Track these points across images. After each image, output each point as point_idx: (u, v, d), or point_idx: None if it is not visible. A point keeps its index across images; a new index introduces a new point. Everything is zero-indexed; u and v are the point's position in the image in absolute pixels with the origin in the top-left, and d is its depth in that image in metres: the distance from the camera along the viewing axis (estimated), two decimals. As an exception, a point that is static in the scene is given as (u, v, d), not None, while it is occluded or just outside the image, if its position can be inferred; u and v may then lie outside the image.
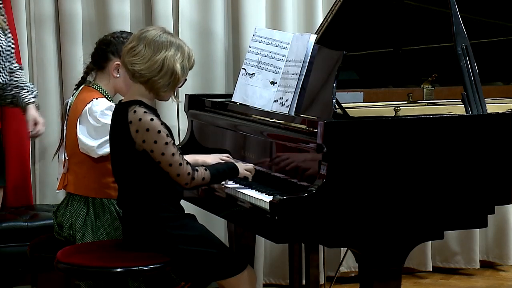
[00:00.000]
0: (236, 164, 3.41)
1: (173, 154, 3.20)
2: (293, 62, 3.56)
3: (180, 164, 3.21)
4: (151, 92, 3.27)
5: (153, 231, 3.26)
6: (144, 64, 3.22)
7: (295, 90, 3.49)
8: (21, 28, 4.44)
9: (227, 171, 3.36)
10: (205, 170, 3.29)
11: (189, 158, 3.51)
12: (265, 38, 3.77)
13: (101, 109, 3.57)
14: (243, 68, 3.83)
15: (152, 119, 3.19)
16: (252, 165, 3.44)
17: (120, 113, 3.26)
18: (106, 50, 3.67)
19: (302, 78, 3.49)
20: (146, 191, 3.26)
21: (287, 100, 3.51)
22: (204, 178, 3.27)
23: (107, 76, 3.68)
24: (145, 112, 3.20)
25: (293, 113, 3.46)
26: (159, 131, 3.18)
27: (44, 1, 4.49)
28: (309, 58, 3.50)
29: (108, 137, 3.43)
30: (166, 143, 3.19)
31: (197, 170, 3.26)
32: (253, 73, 3.71)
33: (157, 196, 3.26)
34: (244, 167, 3.41)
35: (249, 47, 3.82)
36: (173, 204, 3.31)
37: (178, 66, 3.24)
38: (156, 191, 3.26)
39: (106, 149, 3.51)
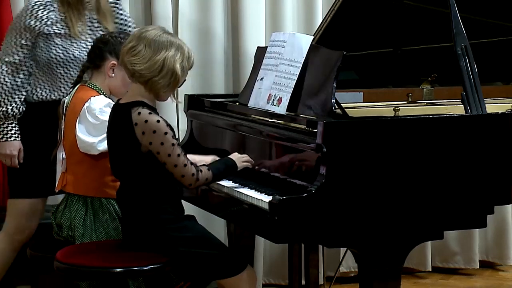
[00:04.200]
0: (233, 158, 3.41)
1: (178, 155, 3.20)
2: (287, 60, 3.56)
3: (185, 165, 3.21)
4: (151, 93, 3.26)
5: (153, 233, 3.26)
6: (144, 64, 3.22)
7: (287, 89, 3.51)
8: (20, 28, 4.44)
9: (227, 169, 3.36)
10: (208, 170, 3.29)
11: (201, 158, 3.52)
12: (278, 41, 3.75)
13: (99, 107, 3.56)
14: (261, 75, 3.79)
15: (158, 121, 3.18)
16: (247, 156, 3.45)
17: (121, 114, 3.25)
18: (103, 49, 3.67)
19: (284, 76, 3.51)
20: (147, 192, 3.26)
21: (281, 98, 3.53)
22: (207, 178, 3.28)
23: (103, 76, 3.68)
24: (150, 113, 3.19)
25: (285, 112, 3.46)
26: (165, 133, 3.18)
27: (43, 1, 4.48)
28: (303, 57, 3.50)
29: (108, 132, 3.44)
30: (173, 144, 3.19)
31: (201, 171, 3.26)
32: (262, 77, 3.70)
33: (157, 197, 3.26)
34: (241, 160, 3.41)
35: (267, 52, 3.79)
36: (173, 205, 3.30)
37: (178, 66, 3.24)
38: (157, 192, 3.25)
39: (106, 145, 3.51)
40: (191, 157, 3.48)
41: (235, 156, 3.43)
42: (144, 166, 3.22)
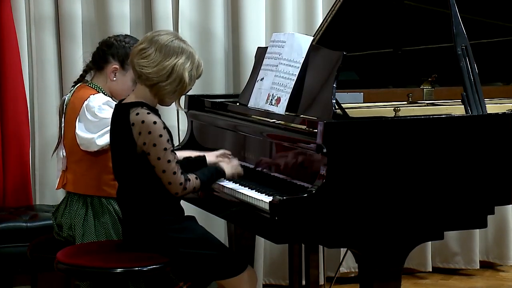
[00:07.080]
0: (223, 165, 3.40)
1: (169, 161, 3.18)
2: (286, 61, 3.56)
3: (174, 173, 3.19)
4: (155, 97, 3.25)
5: (153, 234, 3.26)
6: (152, 68, 3.20)
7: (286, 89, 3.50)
8: (21, 29, 4.44)
9: (214, 176, 3.36)
10: (196, 178, 3.27)
11: (189, 154, 3.51)
12: (278, 42, 3.74)
13: (98, 104, 3.57)
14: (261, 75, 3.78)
15: (155, 122, 3.17)
16: (238, 162, 3.45)
17: (121, 113, 3.25)
18: (107, 52, 3.68)
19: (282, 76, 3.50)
20: (146, 193, 3.25)
21: (279, 98, 3.52)
22: (195, 188, 3.26)
23: (104, 78, 3.69)
24: (148, 113, 3.19)
25: (283, 112, 3.45)
26: (160, 135, 3.17)
27: (44, 2, 4.49)
28: (302, 57, 3.49)
29: (106, 128, 3.43)
30: (165, 149, 3.17)
31: (189, 180, 3.24)
32: (263, 78, 3.70)
33: (157, 198, 3.26)
34: (231, 170, 3.40)
35: (267, 53, 3.78)
36: (173, 206, 3.30)
37: (186, 74, 3.23)
38: (157, 193, 3.25)
39: (106, 140, 3.51)
40: (186, 153, 3.48)
41: (226, 166, 3.42)
42: (140, 167, 3.21)
